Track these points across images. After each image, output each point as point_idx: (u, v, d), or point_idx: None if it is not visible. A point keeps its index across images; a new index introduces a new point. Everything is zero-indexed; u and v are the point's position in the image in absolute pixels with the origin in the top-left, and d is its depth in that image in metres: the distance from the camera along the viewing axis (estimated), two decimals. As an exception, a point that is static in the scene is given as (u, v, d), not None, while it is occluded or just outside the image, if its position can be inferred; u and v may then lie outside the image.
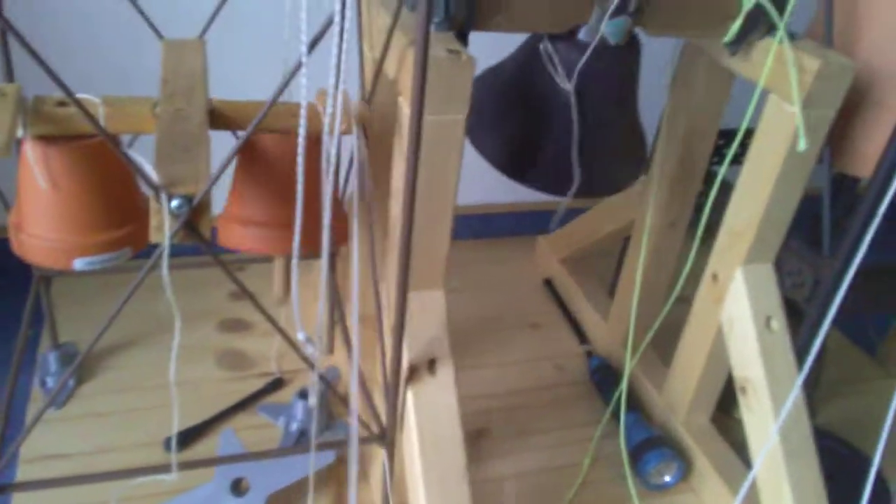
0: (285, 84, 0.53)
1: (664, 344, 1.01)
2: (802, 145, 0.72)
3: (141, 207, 0.71)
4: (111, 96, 0.68)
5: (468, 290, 1.30)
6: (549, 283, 1.32)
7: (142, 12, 0.82)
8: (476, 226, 1.45)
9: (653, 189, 0.95)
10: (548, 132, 0.79)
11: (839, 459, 0.98)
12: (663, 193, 0.95)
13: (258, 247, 0.72)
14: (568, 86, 0.73)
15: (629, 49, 0.77)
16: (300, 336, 0.64)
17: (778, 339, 0.81)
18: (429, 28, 0.54)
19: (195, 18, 0.83)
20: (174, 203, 0.54)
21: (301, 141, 0.55)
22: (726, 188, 0.84)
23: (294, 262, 0.61)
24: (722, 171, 0.81)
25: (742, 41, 0.76)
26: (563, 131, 0.78)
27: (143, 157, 0.57)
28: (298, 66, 0.52)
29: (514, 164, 0.82)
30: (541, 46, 0.75)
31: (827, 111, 0.75)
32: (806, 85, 0.72)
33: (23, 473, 0.89)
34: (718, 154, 1.10)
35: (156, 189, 0.54)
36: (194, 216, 0.56)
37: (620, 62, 0.77)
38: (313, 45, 0.52)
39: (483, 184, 1.29)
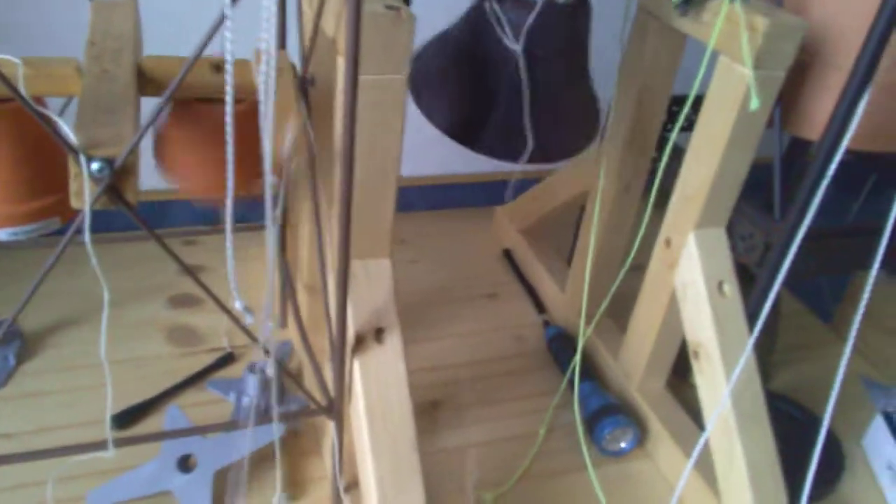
0: (209, 38, 0.50)
1: (622, 312, 1.01)
2: (755, 104, 0.71)
3: (67, 175, 0.68)
4: (33, 57, 0.64)
5: (426, 261, 1.28)
6: (507, 254, 1.30)
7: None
8: (433, 197, 1.43)
9: (606, 154, 0.94)
10: (497, 96, 0.77)
11: (793, 422, 0.99)
12: (616, 158, 0.93)
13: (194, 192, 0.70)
14: (516, 46, 0.70)
15: (579, 8, 0.75)
16: (237, 305, 0.61)
17: (730, 304, 0.81)
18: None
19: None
20: (94, 166, 0.52)
21: (228, 99, 0.53)
22: (680, 153, 0.83)
23: (228, 229, 0.58)
24: (673, 135, 0.80)
25: (691, 1, 0.75)
26: (513, 95, 0.76)
27: (66, 122, 0.54)
28: (221, 19, 0.50)
29: (464, 129, 0.80)
30: (486, 5, 0.73)
31: (776, 72, 0.74)
32: (755, 45, 0.71)
33: (-40, 455, 0.85)
34: (672, 119, 1.09)
35: (74, 151, 0.51)
36: (118, 180, 0.53)
37: (570, 22, 0.75)
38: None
39: (439, 154, 1.28)
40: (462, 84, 0.79)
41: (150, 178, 0.73)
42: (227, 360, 1.03)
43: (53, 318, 1.05)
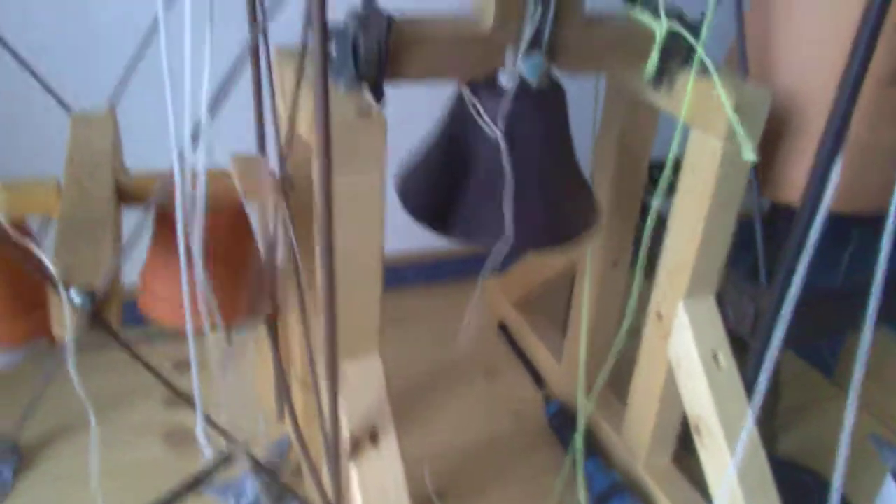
0: (181, 155, 0.51)
1: (621, 380, 0.99)
2: (749, 155, 0.71)
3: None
4: (12, 179, 0.65)
5: (420, 337, 1.27)
6: (503, 327, 1.29)
7: (48, 87, 0.79)
8: (426, 271, 1.43)
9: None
10: (478, 184, 0.77)
11: (803, 488, 0.96)
12: (601, 232, 0.94)
13: (174, 321, 0.69)
14: (496, 130, 0.71)
15: (554, 92, 0.76)
16: (198, 430, 0.60)
17: (726, 375, 0.80)
18: (326, 88, 0.52)
19: (108, 86, 0.80)
20: (76, 299, 0.51)
21: (178, 213, 0.53)
22: (663, 221, 0.83)
23: (190, 341, 0.58)
24: (655, 202, 0.81)
25: (663, 74, 0.76)
26: (493, 182, 0.76)
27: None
28: (197, 132, 0.50)
29: (444, 218, 0.79)
30: (462, 92, 0.74)
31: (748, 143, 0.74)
32: (724, 119, 0.72)
33: (-47, 583, 0.83)
34: (654, 183, 1.10)
35: (53, 283, 0.51)
36: (100, 306, 0.53)
37: (547, 105, 0.75)
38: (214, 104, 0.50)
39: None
40: (443, 176, 0.79)
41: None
42: (226, 460, 1.01)
43: (49, 428, 1.03)
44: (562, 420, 1.06)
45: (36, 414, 1.04)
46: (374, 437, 0.70)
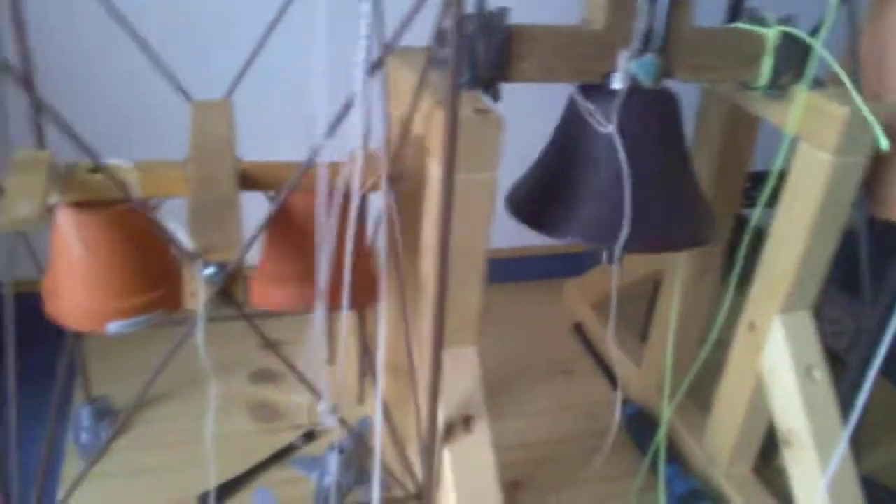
0: (316, 151, 0.54)
1: (699, 389, 0.99)
2: (884, 145, 0.71)
3: (173, 269, 0.71)
4: (142, 161, 0.69)
5: (497, 335, 1.28)
6: (578, 328, 1.30)
7: (169, 74, 0.83)
8: (504, 270, 1.44)
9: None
10: (594, 183, 0.76)
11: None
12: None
13: (292, 306, 0.72)
14: (609, 127, 0.71)
15: (666, 95, 0.76)
16: (321, 408, 0.63)
17: (821, 390, 0.79)
18: (458, 90, 0.54)
19: (222, 78, 0.84)
20: (208, 271, 0.55)
21: (320, 201, 0.55)
22: (758, 233, 0.83)
23: (317, 321, 0.60)
24: (755, 213, 0.80)
25: (775, 84, 0.76)
26: (609, 182, 0.75)
27: (174, 219, 0.57)
28: (334, 127, 0.53)
29: (562, 221, 0.78)
30: (574, 96, 0.74)
31: (858, 158, 0.74)
32: (835, 133, 0.71)
33: (57, 533, 0.88)
34: (747, 197, 1.08)
35: (190, 257, 0.54)
36: (228, 282, 0.56)
37: (660, 107, 0.75)
38: (338, 121, 0.52)
39: (510, 227, 1.29)
40: (553, 179, 0.78)
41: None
42: (309, 437, 1.04)
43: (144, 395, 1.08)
44: (640, 424, 1.06)
45: (132, 381, 1.09)
46: (467, 423, 0.72)
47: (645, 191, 0.72)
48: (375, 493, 0.67)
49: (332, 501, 0.93)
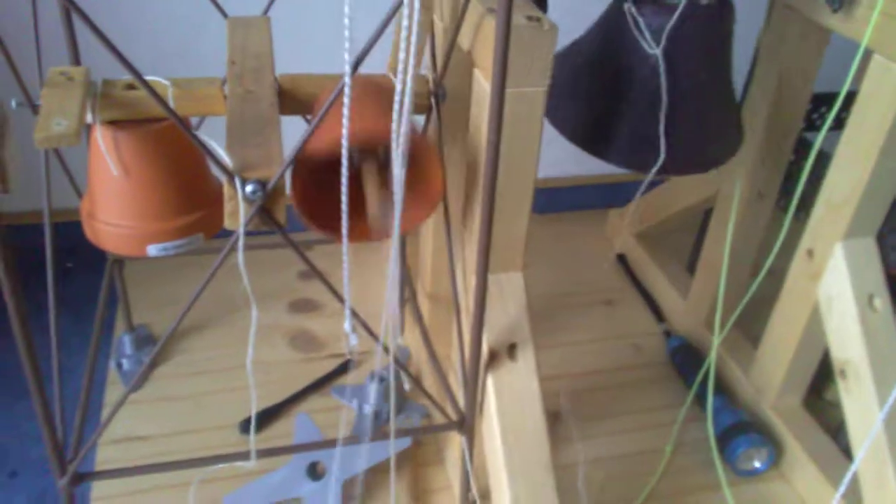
0: (359, 60, 0.50)
1: (746, 322, 0.96)
2: None
3: (213, 191, 0.70)
4: (179, 78, 0.66)
5: (538, 266, 1.26)
6: (622, 259, 1.27)
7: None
8: (543, 200, 1.40)
9: (740, 158, 0.89)
10: (634, 103, 0.74)
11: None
12: (750, 163, 0.89)
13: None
14: (655, 50, 0.67)
15: (722, 8, 0.71)
16: (346, 327, 0.61)
17: (882, 319, 0.76)
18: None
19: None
20: (249, 188, 0.52)
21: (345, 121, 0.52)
22: (819, 157, 0.78)
23: (344, 245, 0.58)
24: (820, 136, 0.76)
25: (844, -4, 0.70)
26: (650, 102, 0.73)
27: (213, 140, 0.55)
28: (373, 40, 0.49)
29: (594, 138, 0.77)
30: (625, 6, 0.70)
31: (941, 71, 0.68)
32: (918, 43, 0.66)
33: (102, 455, 0.90)
34: (807, 120, 1.03)
35: (229, 174, 0.52)
36: (269, 201, 0.54)
37: (713, 24, 0.71)
38: (384, 27, 0.49)
39: (550, 156, 1.25)
40: (593, 92, 0.76)
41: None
42: (349, 366, 1.04)
43: (183, 323, 1.08)
44: (685, 355, 1.04)
45: (171, 310, 1.10)
46: (512, 351, 0.70)
47: (686, 113, 0.69)
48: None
49: (371, 429, 0.93)
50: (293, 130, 0.60)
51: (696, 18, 0.69)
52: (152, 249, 0.67)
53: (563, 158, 1.33)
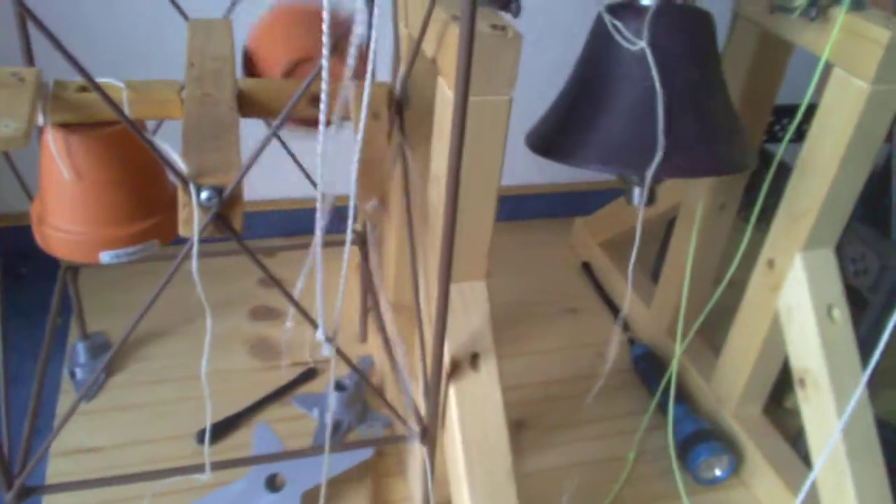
0: (318, 70, 0.49)
1: (708, 331, 0.97)
2: None
3: (169, 197, 0.68)
4: (135, 80, 0.64)
5: (503, 274, 1.25)
6: (586, 267, 1.27)
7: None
8: (509, 208, 1.40)
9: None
10: (633, 108, 0.70)
11: (892, 448, 0.93)
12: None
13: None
14: (641, 44, 0.66)
15: (698, 13, 0.71)
16: (319, 335, 0.60)
17: (840, 330, 0.77)
18: (474, 3, 0.50)
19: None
20: (204, 195, 0.51)
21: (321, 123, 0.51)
22: (780, 168, 0.79)
23: (316, 246, 0.57)
24: (781, 148, 0.76)
25: (814, 3, 0.71)
26: (648, 102, 0.69)
27: (170, 145, 0.53)
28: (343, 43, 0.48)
29: (602, 151, 0.73)
30: (602, 13, 0.69)
31: (897, 86, 0.70)
32: (876, 58, 0.67)
33: (53, 467, 0.87)
34: (768, 132, 1.04)
35: (183, 180, 0.51)
36: (225, 208, 0.52)
37: (693, 24, 0.70)
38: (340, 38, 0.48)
39: (516, 165, 1.25)
40: (590, 108, 0.73)
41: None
42: (310, 374, 1.02)
43: (140, 331, 1.06)
44: (648, 363, 1.04)
45: (128, 317, 1.07)
46: (474, 361, 0.70)
47: (678, 111, 0.67)
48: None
49: (330, 438, 0.92)
50: (255, 134, 0.59)
51: (674, 15, 0.68)
52: (105, 256, 0.65)
53: (529, 167, 1.33)
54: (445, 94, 0.63)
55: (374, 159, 0.65)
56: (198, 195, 0.51)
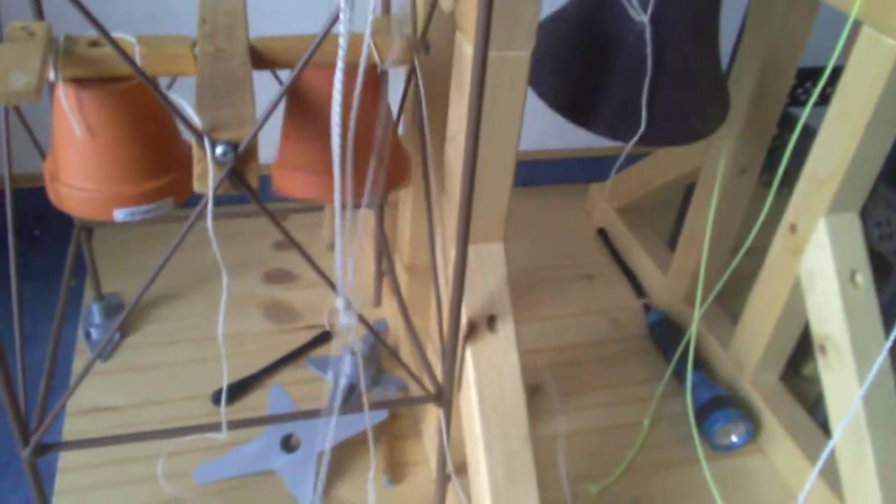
0: (334, 19, 0.48)
1: (726, 298, 0.95)
2: None
3: (183, 155, 0.67)
4: (147, 35, 0.63)
5: (518, 239, 1.24)
6: (602, 233, 1.26)
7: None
8: (525, 173, 1.38)
9: (724, 132, 0.88)
10: (619, 72, 0.72)
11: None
12: (734, 137, 0.88)
13: (315, 194, 0.68)
14: (643, 17, 0.66)
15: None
16: (339, 303, 0.59)
17: (863, 295, 0.75)
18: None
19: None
20: (219, 150, 0.50)
21: (338, 74, 0.50)
22: (803, 132, 0.77)
23: (337, 212, 0.56)
24: (805, 110, 0.74)
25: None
26: (636, 71, 0.71)
27: (183, 101, 0.52)
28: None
29: (579, 107, 0.75)
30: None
31: (929, 43, 0.67)
32: (908, 13, 0.65)
33: (70, 426, 0.87)
34: (791, 95, 1.02)
35: (198, 135, 0.50)
36: (240, 164, 0.51)
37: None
38: None
39: (531, 129, 1.23)
40: (578, 60, 0.74)
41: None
42: (324, 337, 1.02)
43: (155, 293, 1.06)
44: (664, 330, 1.03)
45: (142, 279, 1.07)
46: (492, 323, 0.69)
47: (671, 83, 0.67)
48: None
49: (341, 401, 0.92)
50: (269, 89, 0.57)
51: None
52: (119, 214, 0.64)
53: (544, 132, 1.32)
54: (464, 50, 0.61)
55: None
56: (213, 150, 0.50)
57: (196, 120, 0.50)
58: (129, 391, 0.92)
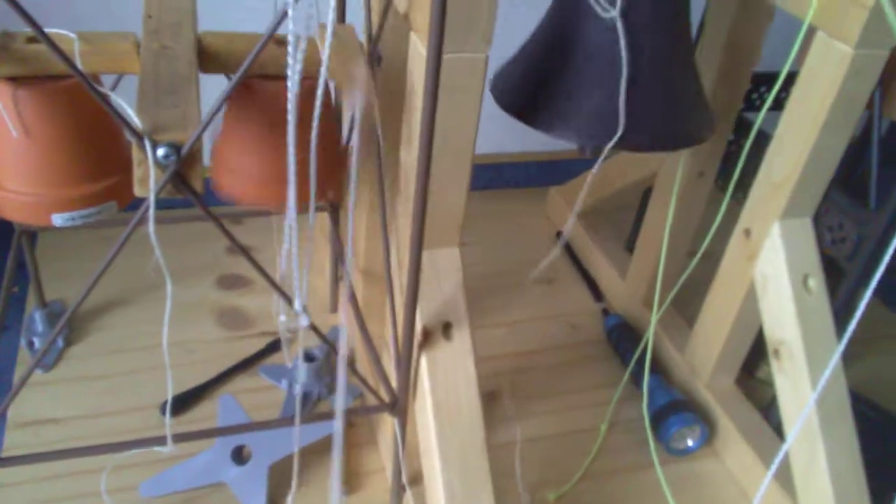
0: (280, 19, 0.46)
1: (682, 303, 0.96)
2: None
3: (126, 157, 0.63)
4: (88, 32, 0.61)
5: (477, 244, 1.24)
6: (559, 235, 1.26)
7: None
8: (484, 176, 1.38)
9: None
10: (594, 76, 0.69)
11: (867, 422, 0.94)
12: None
13: (254, 200, 0.66)
14: (613, 12, 0.64)
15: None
16: (297, 307, 0.58)
17: (815, 300, 0.76)
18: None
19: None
20: (160, 152, 0.48)
21: (292, 82, 0.48)
22: (758, 137, 0.77)
23: (288, 218, 0.54)
24: (760, 115, 0.75)
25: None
26: (611, 73, 0.68)
27: (127, 102, 0.50)
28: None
29: (554, 116, 0.72)
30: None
31: (881, 51, 0.68)
32: (860, 21, 0.65)
33: (11, 440, 0.84)
34: (746, 100, 1.03)
35: (138, 137, 0.48)
36: (184, 167, 0.50)
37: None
38: None
39: (491, 133, 1.23)
40: (549, 70, 0.71)
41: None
42: (278, 345, 1.00)
43: (103, 299, 1.03)
44: (621, 334, 1.03)
45: (88, 284, 1.03)
46: (447, 330, 0.68)
47: (646, 83, 0.66)
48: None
49: (300, 410, 0.90)
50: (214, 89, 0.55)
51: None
52: (58, 219, 0.61)
53: (503, 135, 1.31)
54: (419, 52, 0.60)
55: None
56: (154, 152, 0.48)
57: (136, 121, 0.48)
58: (73, 402, 0.89)
